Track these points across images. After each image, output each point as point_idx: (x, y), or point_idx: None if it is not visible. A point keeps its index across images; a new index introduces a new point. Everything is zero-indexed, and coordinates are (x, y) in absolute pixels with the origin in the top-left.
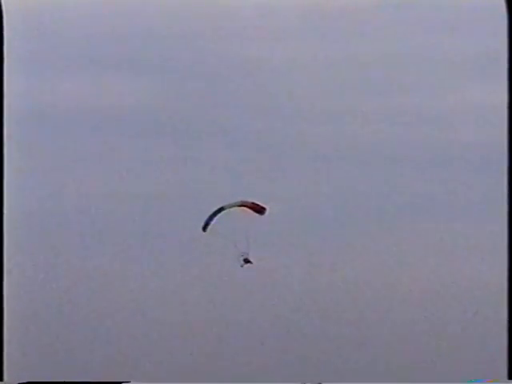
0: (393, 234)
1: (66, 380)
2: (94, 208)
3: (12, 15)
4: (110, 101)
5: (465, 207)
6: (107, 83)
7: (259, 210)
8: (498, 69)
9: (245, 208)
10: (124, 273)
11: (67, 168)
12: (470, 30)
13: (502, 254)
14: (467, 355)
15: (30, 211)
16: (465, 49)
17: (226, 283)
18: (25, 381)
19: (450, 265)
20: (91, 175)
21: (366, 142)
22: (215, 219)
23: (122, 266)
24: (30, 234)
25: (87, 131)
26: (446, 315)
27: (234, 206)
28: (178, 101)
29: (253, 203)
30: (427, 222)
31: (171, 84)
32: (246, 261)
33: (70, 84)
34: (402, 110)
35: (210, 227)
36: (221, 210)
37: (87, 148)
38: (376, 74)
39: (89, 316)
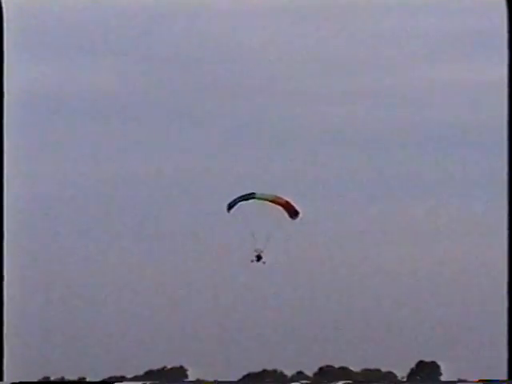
0: (387, 216)
1: (66, 379)
2: (81, 194)
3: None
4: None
5: (459, 187)
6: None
7: (292, 211)
8: (472, 49)
9: (277, 205)
10: (127, 268)
11: (64, 151)
12: (449, 10)
13: (503, 251)
14: (467, 355)
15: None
16: (441, 28)
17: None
18: (25, 381)
19: (448, 265)
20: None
21: (342, 122)
22: (242, 203)
23: (125, 258)
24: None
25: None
26: (446, 316)
27: (267, 198)
28: (159, 86)
29: (287, 202)
30: (424, 203)
31: (154, 69)
32: (259, 258)
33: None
34: (376, 90)
35: (234, 209)
36: (251, 195)
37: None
38: (353, 55)
39: (88, 317)
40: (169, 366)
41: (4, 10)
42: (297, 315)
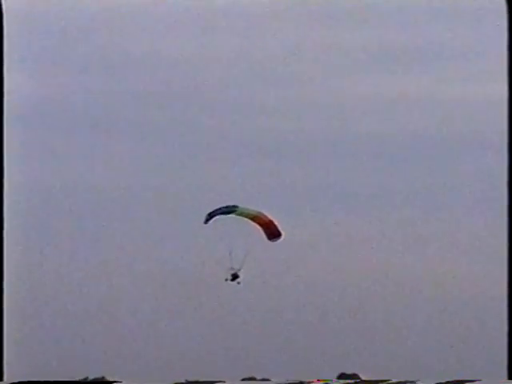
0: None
1: (65, 379)
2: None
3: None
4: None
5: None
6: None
7: (274, 233)
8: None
9: (257, 224)
10: (125, 273)
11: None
12: (374, 23)
13: (502, 258)
14: (467, 355)
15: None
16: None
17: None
18: (25, 380)
19: (448, 267)
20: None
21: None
22: (222, 216)
23: (123, 264)
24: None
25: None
26: (446, 316)
27: (250, 214)
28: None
29: (271, 221)
30: (421, 217)
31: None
32: (234, 277)
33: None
34: (300, 101)
35: (212, 221)
36: (234, 208)
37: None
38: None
39: (88, 318)
40: (91, 377)
41: (4, 13)
42: (222, 327)
